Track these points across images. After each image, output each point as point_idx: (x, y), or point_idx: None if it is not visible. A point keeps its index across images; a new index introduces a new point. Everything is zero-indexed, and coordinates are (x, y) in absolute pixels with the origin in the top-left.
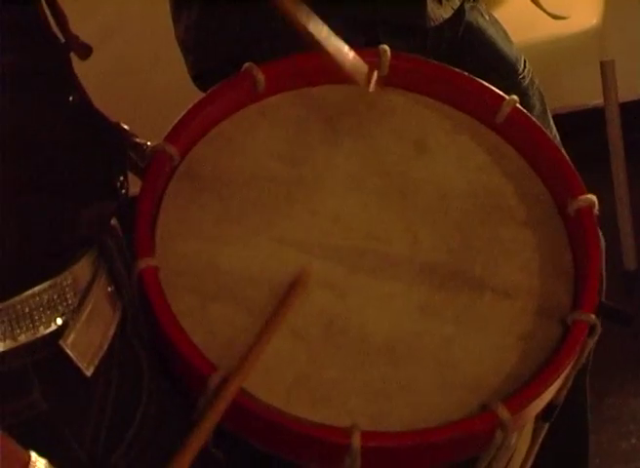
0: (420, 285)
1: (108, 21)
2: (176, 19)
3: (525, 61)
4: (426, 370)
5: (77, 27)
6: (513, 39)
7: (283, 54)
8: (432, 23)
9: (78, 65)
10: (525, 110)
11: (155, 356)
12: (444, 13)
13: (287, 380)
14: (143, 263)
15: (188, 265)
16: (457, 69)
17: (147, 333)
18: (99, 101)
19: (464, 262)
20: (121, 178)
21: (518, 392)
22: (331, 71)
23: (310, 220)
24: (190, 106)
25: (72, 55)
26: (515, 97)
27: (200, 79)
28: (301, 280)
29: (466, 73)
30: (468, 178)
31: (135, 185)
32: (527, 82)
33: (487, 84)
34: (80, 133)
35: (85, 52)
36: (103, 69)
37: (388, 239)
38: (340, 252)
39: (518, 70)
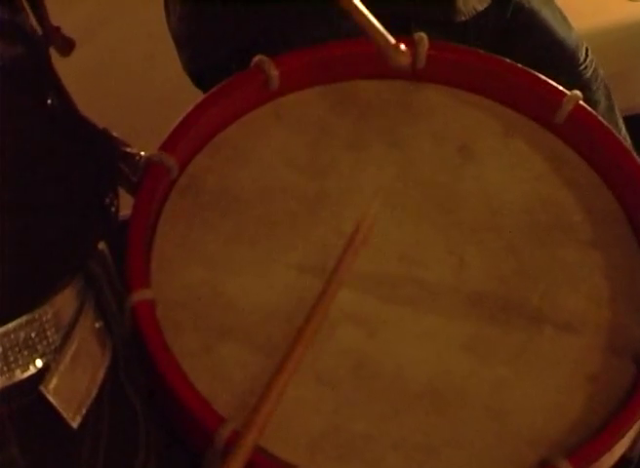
0: (466, 319)
1: (95, 11)
2: (168, 9)
3: (587, 50)
4: (476, 421)
5: (58, 18)
6: (574, 24)
7: (298, 45)
8: (463, 17)
9: (58, 63)
10: (590, 108)
11: (153, 405)
12: (478, 4)
13: (310, 434)
14: (137, 296)
15: (191, 298)
16: (507, 60)
17: (143, 378)
18: (83, 105)
19: (520, 291)
20: (110, 195)
21: (585, 445)
22: (358, 64)
23: (336, 243)
24: (190, 109)
25: (52, 50)
26: (578, 92)
27: (198, 78)
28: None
29: (519, 65)
30: (523, 190)
31: (126, 203)
32: (589, 74)
33: (544, 77)
34: (61, 141)
35: (67, 46)
36: (88, 67)
37: (428, 264)
38: (370, 280)
39: (579, 60)
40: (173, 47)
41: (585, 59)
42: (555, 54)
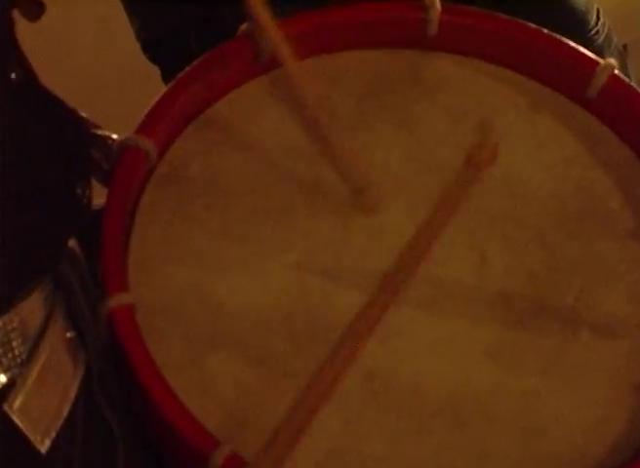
0: (490, 323)
1: None
2: None
3: (598, 12)
4: (504, 440)
5: None
6: None
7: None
8: None
9: (22, 31)
10: (627, 79)
11: (133, 426)
12: None
13: (314, 457)
14: (114, 301)
15: (175, 301)
16: (531, 25)
17: (121, 395)
18: (48, 81)
19: (551, 291)
20: (82, 184)
21: (630, 464)
22: (362, 31)
23: (340, 238)
24: (170, 85)
25: (16, 14)
26: (613, 60)
27: (153, 50)
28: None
29: (545, 30)
30: (552, 174)
31: (99, 194)
32: (601, 39)
33: (574, 44)
34: (26, 121)
35: (35, 10)
36: (55, 36)
37: (445, 260)
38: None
39: (589, 23)
40: None
41: (597, 23)
42: (562, 16)
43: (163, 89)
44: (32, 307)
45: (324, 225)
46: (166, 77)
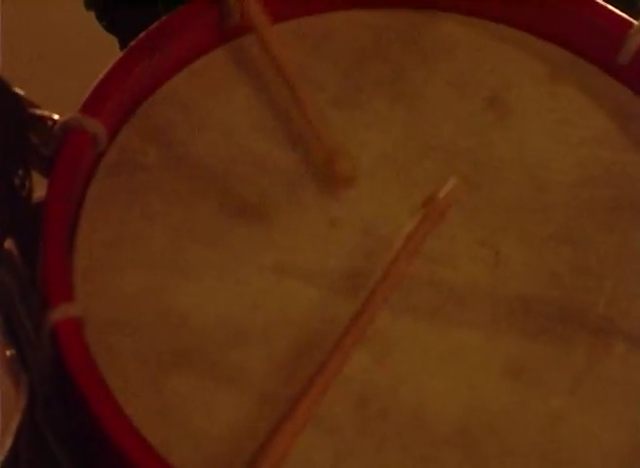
0: (507, 334)
1: None
2: None
3: None
4: (527, 467)
5: None
6: None
7: None
8: None
9: None
10: None
11: (83, 458)
12: None
13: None
14: (58, 313)
15: (131, 314)
16: None
17: (70, 425)
18: None
19: (579, 294)
20: (20, 173)
21: None
22: None
23: (325, 235)
24: (121, 55)
25: None
26: None
27: (109, 17)
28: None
29: None
30: (578, 156)
31: (38, 187)
32: None
33: (601, 1)
34: None
35: None
36: None
37: (453, 259)
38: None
39: None
40: None
41: None
42: None
43: (113, 60)
44: None
45: (306, 220)
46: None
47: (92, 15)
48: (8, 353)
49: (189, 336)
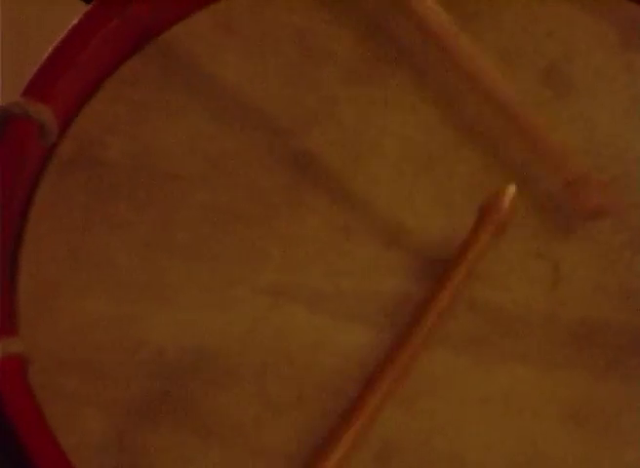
0: (569, 369)
1: None
2: None
3: None
4: None
5: None
6: None
7: None
8: None
9: None
10: None
11: None
12: None
13: None
14: None
15: (90, 350)
16: None
17: None
18: None
19: None
20: None
21: None
22: None
23: (336, 247)
24: (76, 22)
25: None
26: None
27: None
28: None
29: None
30: None
31: None
32: None
33: None
34: None
35: None
36: None
37: (502, 277)
38: (396, 307)
39: None
40: None
41: None
42: None
43: (64, 29)
44: None
45: (312, 228)
46: None
47: None
48: None
49: (165, 378)
